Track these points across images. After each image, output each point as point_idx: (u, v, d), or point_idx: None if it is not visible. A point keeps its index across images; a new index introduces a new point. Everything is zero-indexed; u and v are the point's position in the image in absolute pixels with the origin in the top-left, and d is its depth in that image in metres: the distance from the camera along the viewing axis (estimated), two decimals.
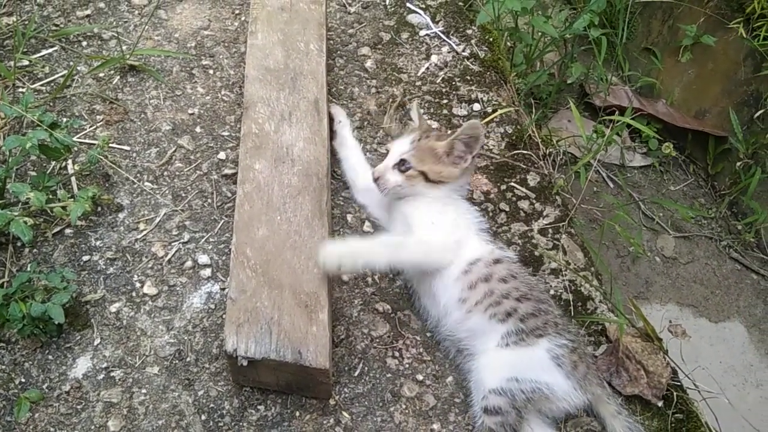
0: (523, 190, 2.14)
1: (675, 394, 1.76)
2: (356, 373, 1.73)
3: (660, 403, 1.76)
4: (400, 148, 1.81)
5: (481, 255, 1.74)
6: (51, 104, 2.11)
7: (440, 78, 2.40)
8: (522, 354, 1.64)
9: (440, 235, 1.74)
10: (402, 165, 1.78)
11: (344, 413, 1.66)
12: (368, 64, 2.39)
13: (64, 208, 1.76)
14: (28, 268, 1.74)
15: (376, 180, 1.80)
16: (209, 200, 1.98)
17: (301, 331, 1.57)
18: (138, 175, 2.00)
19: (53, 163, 1.96)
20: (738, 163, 2.81)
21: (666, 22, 3.20)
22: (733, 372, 2.47)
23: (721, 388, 2.30)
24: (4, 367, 1.65)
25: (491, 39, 2.55)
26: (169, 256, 1.86)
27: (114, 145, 2.05)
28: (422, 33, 2.53)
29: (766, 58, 2.74)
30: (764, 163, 2.71)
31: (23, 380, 1.64)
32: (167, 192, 1.98)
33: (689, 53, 3.09)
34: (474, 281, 1.70)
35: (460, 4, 2.65)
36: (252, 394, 1.67)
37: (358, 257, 1.64)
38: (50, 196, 1.79)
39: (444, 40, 2.51)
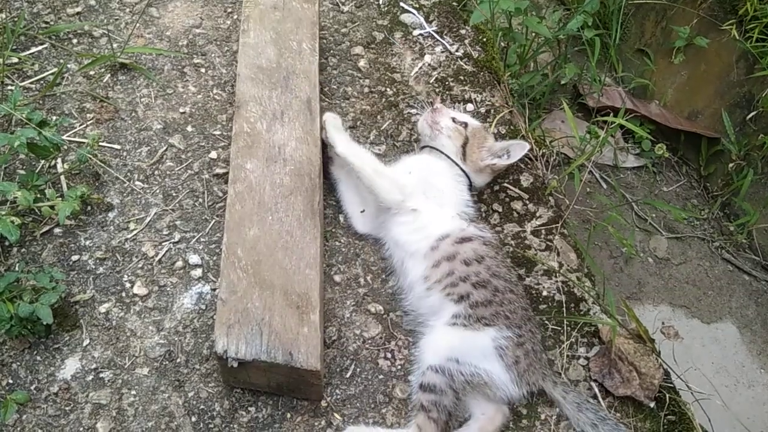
0: (517, 190, 2.13)
1: (667, 395, 1.76)
2: (348, 375, 1.72)
3: (652, 405, 1.76)
4: (467, 117, 2.06)
5: (450, 231, 1.79)
6: (40, 102, 2.08)
7: (433, 78, 2.39)
8: (466, 337, 1.67)
9: (403, 176, 1.87)
10: (459, 122, 2.00)
11: (336, 415, 1.65)
12: (361, 63, 2.38)
13: (52, 207, 1.74)
14: (16, 268, 1.72)
15: (434, 109, 2.00)
16: (200, 200, 1.96)
17: (292, 333, 1.55)
18: (128, 174, 1.98)
19: (42, 161, 1.94)
20: (730, 165, 2.81)
21: (659, 24, 3.20)
22: (726, 373, 2.47)
23: (714, 388, 2.30)
24: None
25: (485, 39, 2.54)
26: (159, 256, 1.84)
27: (104, 144, 2.03)
28: (416, 33, 2.52)
29: (759, 60, 2.75)
30: (756, 164, 2.72)
31: (10, 381, 1.62)
32: (158, 191, 1.96)
33: (682, 55, 3.09)
34: (438, 260, 1.76)
35: (454, 4, 2.64)
36: (243, 396, 1.65)
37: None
38: (38, 196, 1.77)
39: (437, 40, 2.50)
